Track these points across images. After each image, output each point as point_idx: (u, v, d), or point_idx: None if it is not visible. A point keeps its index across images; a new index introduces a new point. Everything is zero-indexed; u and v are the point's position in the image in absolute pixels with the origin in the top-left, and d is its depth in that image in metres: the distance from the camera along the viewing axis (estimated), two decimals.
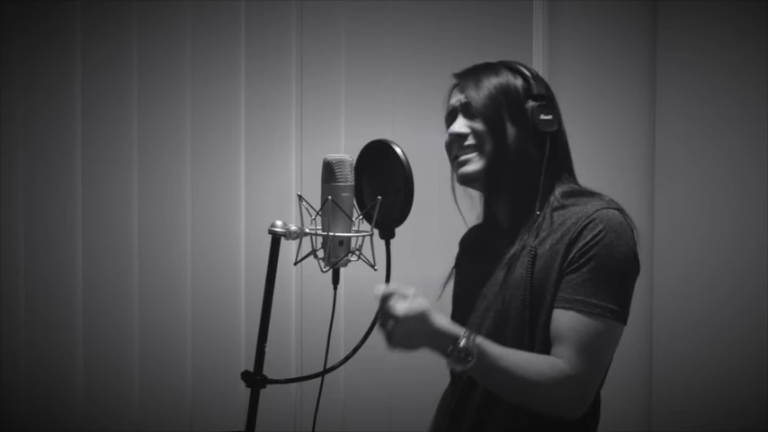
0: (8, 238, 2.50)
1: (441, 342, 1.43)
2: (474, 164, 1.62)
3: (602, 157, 2.75)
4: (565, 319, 1.50)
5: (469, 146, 1.63)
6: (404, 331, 1.41)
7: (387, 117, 2.68)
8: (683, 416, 2.73)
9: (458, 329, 1.44)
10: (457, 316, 1.74)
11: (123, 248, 2.57)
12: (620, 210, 1.56)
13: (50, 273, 2.53)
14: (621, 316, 1.51)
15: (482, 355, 1.43)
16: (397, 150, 1.49)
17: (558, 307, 1.51)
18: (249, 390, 1.42)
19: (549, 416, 1.50)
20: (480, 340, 1.44)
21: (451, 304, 1.79)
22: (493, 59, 1.70)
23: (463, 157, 1.64)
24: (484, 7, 2.72)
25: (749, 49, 2.61)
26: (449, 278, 1.81)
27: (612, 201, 1.59)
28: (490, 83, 1.63)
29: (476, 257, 1.74)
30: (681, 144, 2.78)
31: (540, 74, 1.68)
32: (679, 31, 2.77)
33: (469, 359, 1.42)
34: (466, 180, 1.65)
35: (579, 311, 1.49)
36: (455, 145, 1.65)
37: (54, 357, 2.54)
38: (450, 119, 1.68)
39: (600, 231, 1.51)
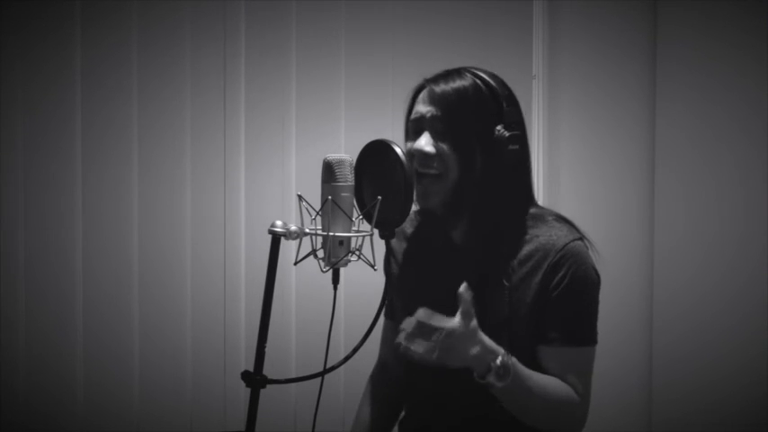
0: (7, 238, 2.49)
1: (486, 358, 1.44)
2: (436, 196, 1.58)
3: (603, 158, 2.75)
4: (560, 355, 1.56)
5: (434, 169, 1.56)
6: (449, 345, 1.41)
7: (387, 117, 2.68)
8: (683, 421, 2.73)
9: (498, 347, 1.45)
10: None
11: (123, 249, 2.57)
12: (581, 237, 1.60)
13: (50, 273, 2.52)
14: (596, 338, 1.61)
15: (516, 374, 1.46)
16: (397, 150, 1.49)
17: (551, 343, 1.56)
18: (249, 390, 1.42)
19: None
20: (515, 359, 1.47)
21: (386, 310, 1.75)
22: (493, 59, 1.69)
23: (425, 187, 1.57)
24: (484, 7, 2.71)
25: (749, 46, 2.61)
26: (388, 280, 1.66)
27: (572, 228, 1.61)
28: (463, 102, 1.57)
29: (422, 269, 1.70)
30: (681, 144, 2.77)
31: (540, 74, 1.67)
32: (679, 28, 2.77)
33: (508, 376, 1.44)
34: (426, 208, 1.61)
35: (572, 345, 1.57)
36: (418, 161, 1.57)
37: (54, 359, 2.53)
38: (416, 127, 1.61)
39: (571, 267, 1.55)
